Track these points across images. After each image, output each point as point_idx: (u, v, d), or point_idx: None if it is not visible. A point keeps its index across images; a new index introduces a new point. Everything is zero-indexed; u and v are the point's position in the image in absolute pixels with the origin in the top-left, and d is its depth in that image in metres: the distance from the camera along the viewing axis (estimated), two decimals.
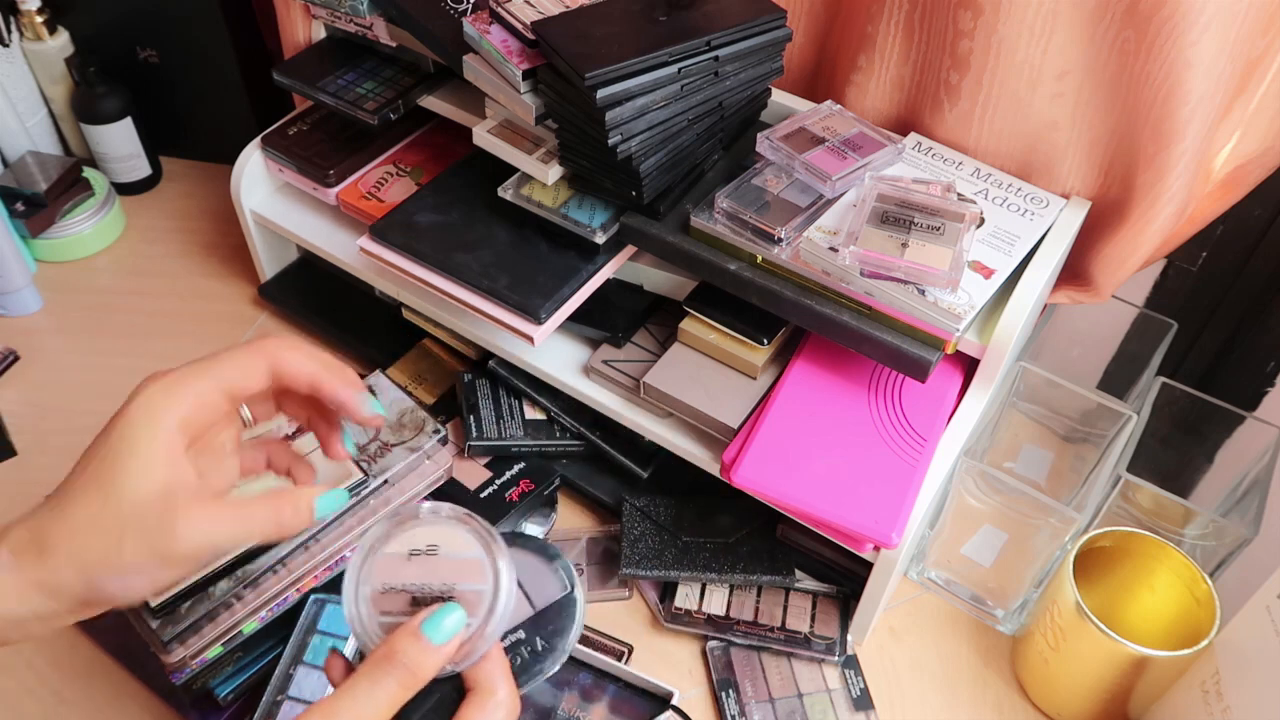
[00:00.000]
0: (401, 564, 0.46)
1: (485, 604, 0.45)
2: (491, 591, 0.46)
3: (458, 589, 0.46)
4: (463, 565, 0.46)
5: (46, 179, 0.99)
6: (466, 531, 0.47)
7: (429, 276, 0.76)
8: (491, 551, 0.46)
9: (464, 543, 0.47)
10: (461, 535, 0.47)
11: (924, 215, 0.68)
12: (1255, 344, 0.84)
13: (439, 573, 0.46)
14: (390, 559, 0.47)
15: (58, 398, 0.89)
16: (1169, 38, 0.63)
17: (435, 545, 0.47)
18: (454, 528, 0.47)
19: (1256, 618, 0.58)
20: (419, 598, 0.46)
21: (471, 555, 0.46)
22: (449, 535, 0.47)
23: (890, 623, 0.77)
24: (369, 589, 0.46)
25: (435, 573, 0.46)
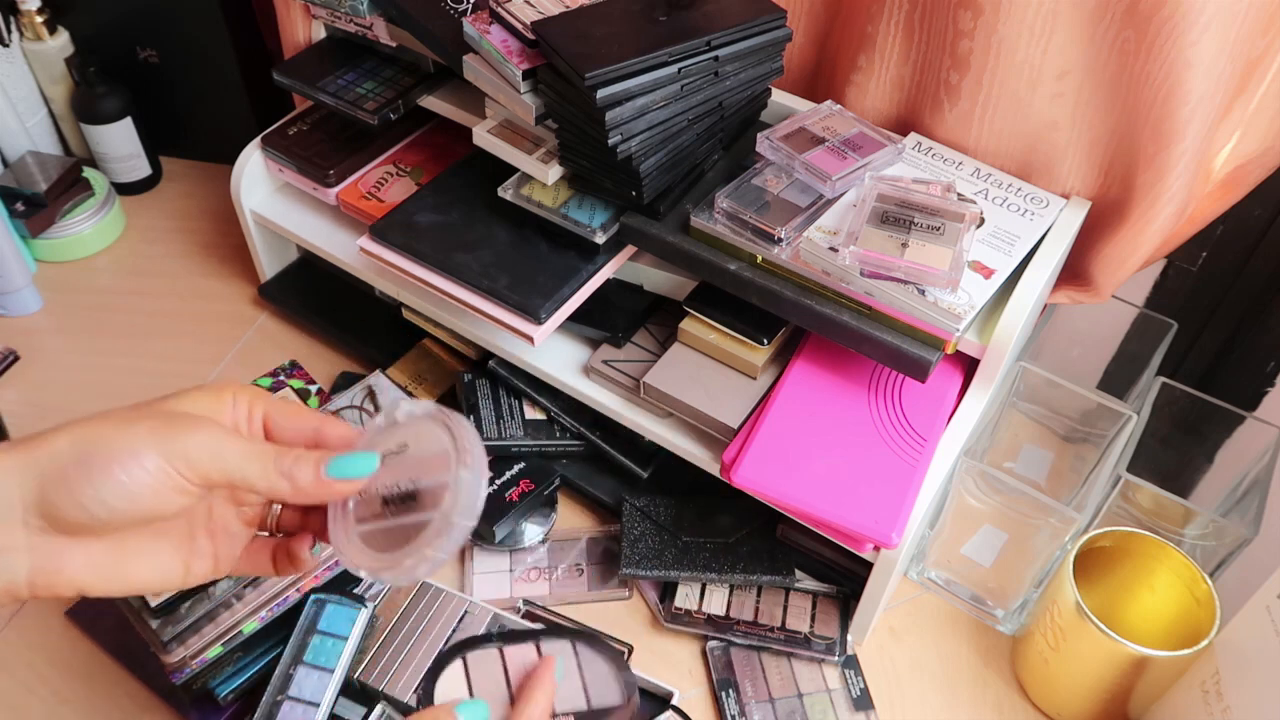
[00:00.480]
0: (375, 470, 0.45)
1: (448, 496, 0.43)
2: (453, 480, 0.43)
3: (421, 484, 0.44)
4: (428, 461, 0.44)
5: (46, 179, 0.99)
6: (436, 427, 0.45)
7: (429, 276, 0.76)
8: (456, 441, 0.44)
9: (432, 438, 0.45)
10: (431, 431, 0.45)
11: (924, 215, 0.68)
12: (1255, 344, 0.84)
13: (406, 471, 0.45)
14: None
15: (58, 398, 0.89)
16: (1169, 38, 0.63)
17: (405, 444, 0.45)
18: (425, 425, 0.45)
19: (1256, 618, 0.58)
20: (387, 498, 0.45)
21: (437, 449, 0.44)
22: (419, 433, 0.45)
23: (890, 623, 0.77)
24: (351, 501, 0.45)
25: (403, 471, 0.45)
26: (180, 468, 0.41)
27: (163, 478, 0.41)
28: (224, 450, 0.42)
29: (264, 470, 0.43)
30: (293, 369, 0.86)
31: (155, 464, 0.40)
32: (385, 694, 0.67)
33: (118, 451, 0.40)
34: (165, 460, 0.40)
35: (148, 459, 0.40)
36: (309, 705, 0.64)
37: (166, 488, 0.41)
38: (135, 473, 0.40)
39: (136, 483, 0.40)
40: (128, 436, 0.40)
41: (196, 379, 0.91)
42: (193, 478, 0.41)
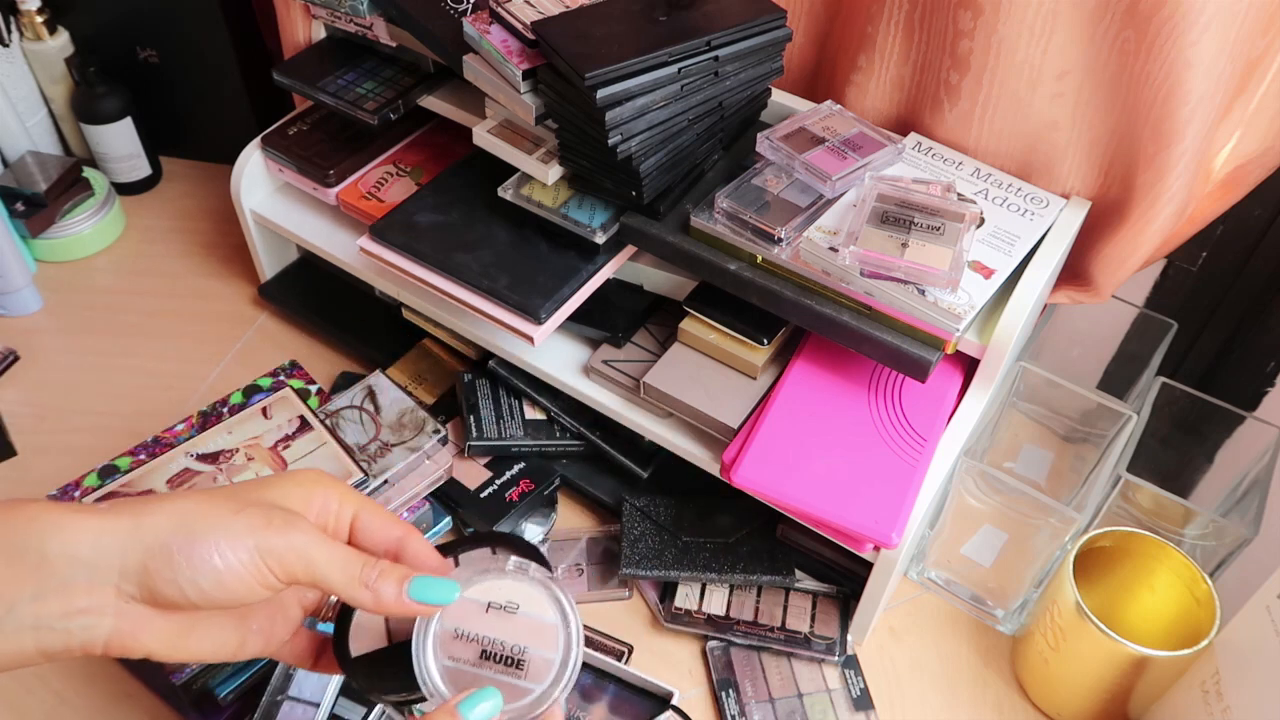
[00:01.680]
0: (478, 612, 0.47)
1: (552, 674, 0.46)
2: (560, 662, 0.46)
3: (529, 653, 0.46)
4: (538, 629, 0.46)
5: (46, 179, 0.99)
6: (547, 596, 0.47)
7: (429, 276, 0.76)
8: (568, 622, 0.46)
9: (543, 606, 0.47)
10: (542, 598, 0.47)
11: (924, 215, 0.68)
12: (1255, 344, 0.84)
13: (514, 632, 0.46)
14: (467, 604, 0.47)
15: (58, 398, 0.89)
16: (1169, 38, 0.63)
17: (515, 603, 0.47)
18: (535, 589, 0.47)
19: (1256, 618, 0.58)
20: (489, 652, 0.46)
21: (548, 620, 0.46)
22: (530, 595, 0.47)
23: (890, 623, 0.77)
24: (440, 629, 0.46)
25: (510, 631, 0.46)
26: (271, 565, 0.43)
27: (254, 570, 0.42)
28: (314, 553, 0.44)
29: (348, 579, 0.44)
30: (293, 369, 0.86)
31: (250, 557, 0.42)
32: None
33: (219, 538, 0.42)
34: (260, 556, 0.42)
35: (244, 551, 0.42)
36: (309, 705, 0.64)
37: (255, 581, 0.43)
38: (230, 562, 0.42)
39: (229, 570, 0.42)
40: (229, 526, 0.42)
41: (196, 379, 0.91)
42: (281, 575, 0.43)
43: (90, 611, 0.41)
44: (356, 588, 0.44)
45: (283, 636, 0.49)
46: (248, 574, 0.42)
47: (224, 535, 0.42)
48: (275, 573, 0.43)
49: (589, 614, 0.76)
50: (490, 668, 0.46)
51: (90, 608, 0.41)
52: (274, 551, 0.42)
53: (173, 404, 0.88)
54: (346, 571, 0.44)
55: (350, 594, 0.44)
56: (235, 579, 0.42)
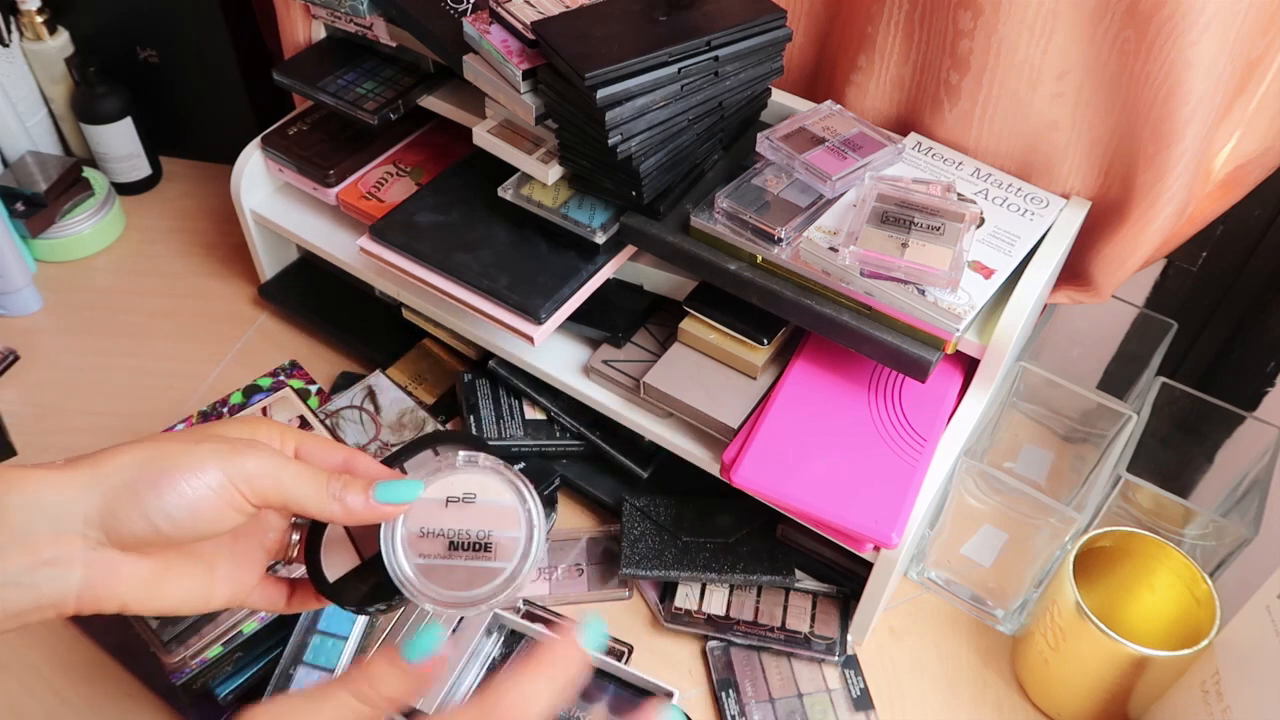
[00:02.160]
0: (438, 509, 0.48)
1: (520, 549, 0.48)
2: (525, 537, 0.48)
3: (494, 535, 0.48)
4: (498, 512, 0.48)
5: (46, 179, 0.99)
6: (500, 481, 0.49)
7: (429, 276, 0.76)
8: (525, 500, 0.48)
9: (499, 491, 0.49)
10: (496, 484, 0.49)
11: (924, 215, 0.68)
12: (1255, 344, 0.84)
13: (476, 519, 0.48)
14: (426, 504, 0.48)
15: (58, 398, 0.89)
16: (1169, 38, 0.63)
17: (472, 493, 0.49)
18: (488, 477, 0.49)
19: (1256, 618, 0.58)
20: (455, 542, 0.48)
21: (506, 503, 0.48)
22: (484, 483, 0.49)
23: (890, 623, 0.77)
24: (406, 531, 0.48)
25: (472, 519, 0.48)
26: (241, 486, 0.43)
27: (224, 494, 0.43)
28: (280, 472, 0.44)
29: (316, 493, 0.45)
30: (293, 369, 0.86)
31: (219, 480, 0.42)
32: None
33: (184, 467, 0.42)
34: (228, 478, 0.43)
35: (211, 475, 0.42)
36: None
37: (226, 505, 0.43)
38: (199, 488, 0.42)
39: (200, 497, 0.42)
40: (193, 454, 0.43)
41: (196, 379, 0.91)
42: (251, 496, 0.44)
43: (57, 563, 0.41)
44: (325, 500, 0.45)
45: (250, 581, 0.50)
46: (219, 499, 0.42)
47: (190, 463, 0.42)
48: (246, 494, 0.43)
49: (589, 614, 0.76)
50: (460, 556, 0.48)
51: (57, 559, 0.41)
52: (243, 473, 0.43)
53: (173, 404, 0.88)
54: (315, 486, 0.45)
55: (320, 507, 0.45)
56: (207, 505, 0.42)
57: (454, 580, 0.47)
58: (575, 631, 0.44)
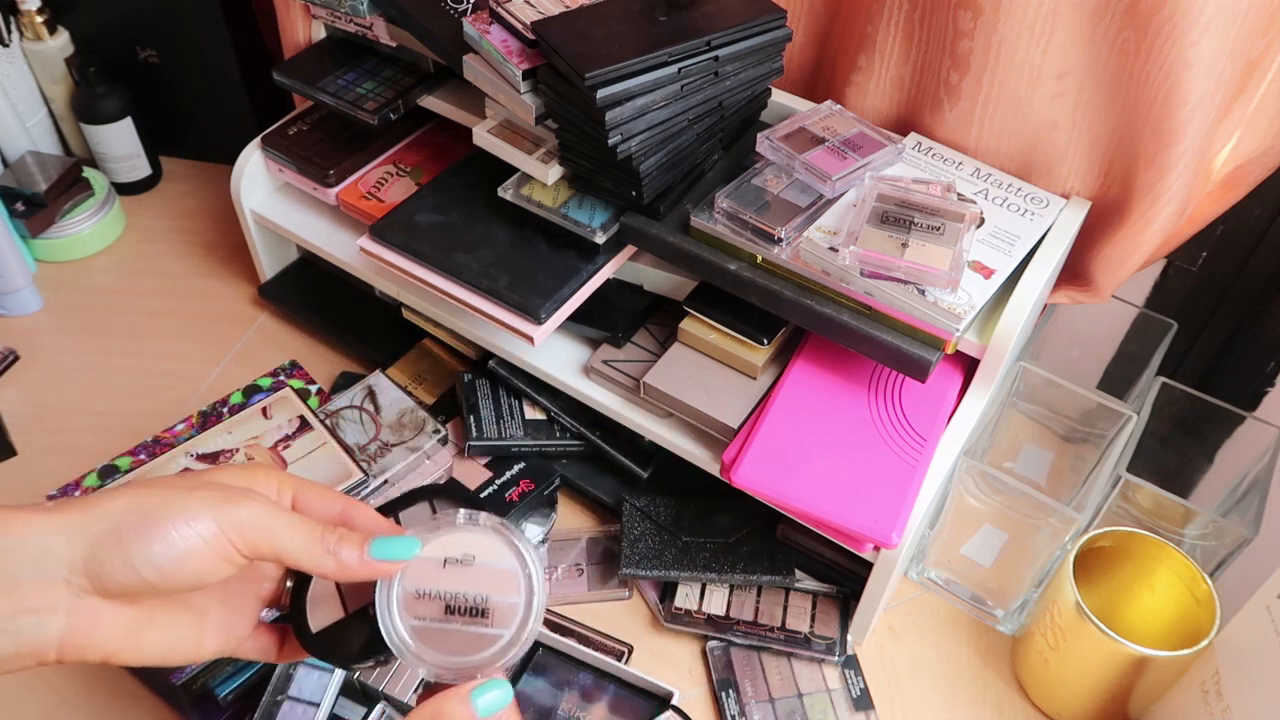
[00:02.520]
0: (436, 570, 0.47)
1: (518, 616, 0.46)
2: (524, 604, 0.46)
3: (492, 600, 0.46)
4: (498, 576, 0.47)
5: (46, 179, 0.99)
6: (501, 542, 0.47)
7: (429, 276, 0.76)
8: (526, 565, 0.47)
9: (499, 554, 0.47)
10: (496, 545, 0.47)
11: (924, 215, 0.68)
12: (1255, 344, 0.84)
13: (474, 582, 0.47)
14: (424, 563, 0.47)
15: (58, 398, 0.89)
16: (1169, 38, 0.63)
17: (471, 554, 0.47)
18: (489, 537, 0.47)
19: (1256, 618, 0.58)
20: (452, 606, 0.46)
21: (506, 567, 0.47)
22: (484, 544, 0.47)
23: (890, 623, 0.77)
24: (401, 591, 0.46)
25: (470, 582, 0.47)
26: (233, 536, 0.42)
27: (215, 545, 0.42)
28: (274, 523, 0.43)
29: (309, 546, 0.44)
30: (293, 369, 0.86)
31: (210, 530, 0.41)
32: (385, 694, 0.67)
33: (174, 515, 0.41)
34: (220, 528, 0.42)
35: (203, 524, 0.41)
36: (309, 705, 0.64)
37: (216, 555, 0.42)
38: (189, 537, 0.41)
39: (190, 547, 0.41)
40: (184, 502, 0.41)
41: (196, 379, 0.91)
42: (243, 547, 0.42)
43: (39, 610, 0.40)
44: (319, 554, 0.44)
45: (242, 632, 0.49)
46: (209, 549, 0.41)
47: (180, 512, 0.41)
48: (237, 545, 0.42)
49: (589, 614, 0.76)
50: (457, 620, 0.46)
51: (39, 606, 0.40)
52: (234, 524, 0.42)
53: (173, 404, 0.88)
54: (308, 539, 0.44)
55: (313, 562, 0.44)
56: (196, 555, 0.41)
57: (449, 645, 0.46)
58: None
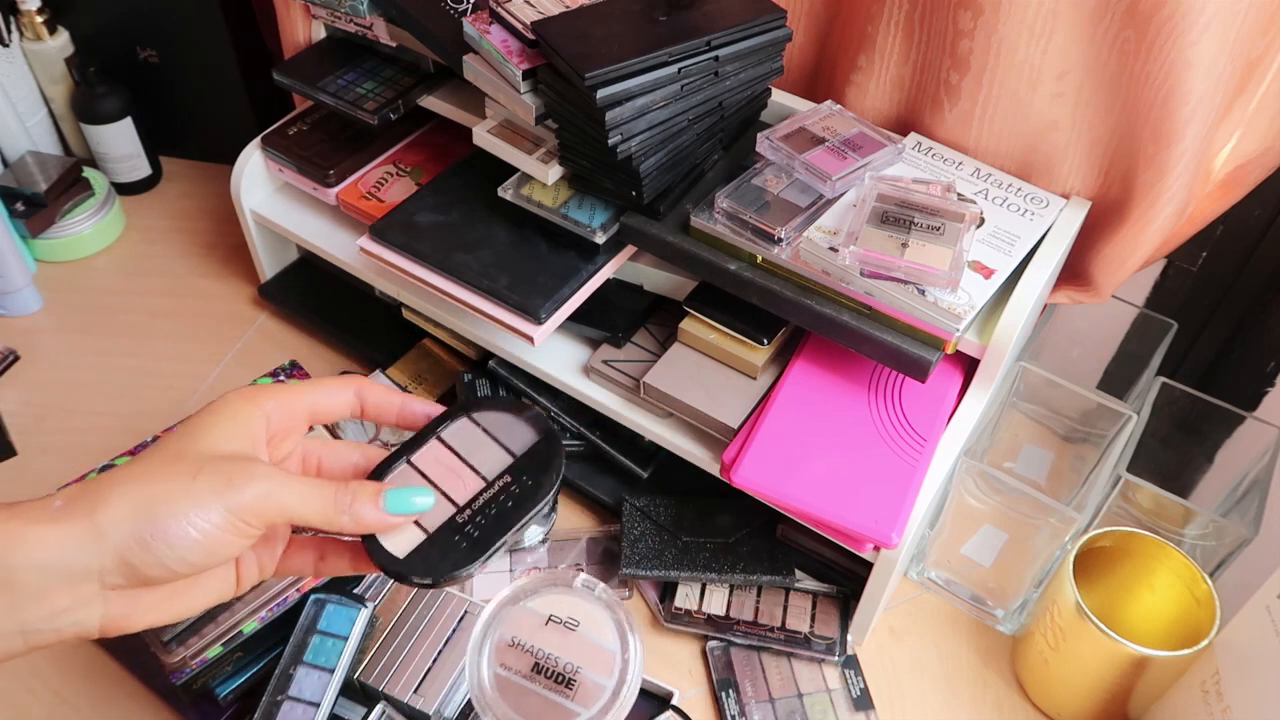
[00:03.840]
0: (537, 625, 0.46)
1: (601, 701, 0.46)
2: (612, 691, 0.46)
3: (582, 674, 0.46)
4: (595, 652, 0.46)
5: (46, 179, 0.99)
6: (609, 619, 0.47)
7: (429, 276, 0.76)
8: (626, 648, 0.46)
9: (604, 630, 0.46)
10: (604, 621, 0.47)
11: (924, 215, 0.68)
12: (1255, 344, 0.84)
13: (570, 649, 0.46)
14: (528, 615, 0.46)
15: (58, 398, 0.89)
16: (1169, 38, 0.63)
17: (576, 620, 0.47)
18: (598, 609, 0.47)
19: (1256, 618, 0.58)
20: (541, 665, 0.46)
21: (607, 646, 0.46)
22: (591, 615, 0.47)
23: (890, 623, 0.77)
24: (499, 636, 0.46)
25: (566, 648, 0.46)
26: (247, 518, 0.42)
27: (231, 530, 0.42)
28: (284, 494, 0.43)
29: (324, 510, 0.45)
30: (293, 369, 0.86)
31: (222, 518, 0.42)
32: (385, 694, 0.66)
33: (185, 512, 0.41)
34: (231, 514, 0.42)
35: (214, 514, 0.42)
36: (309, 705, 0.64)
37: (235, 536, 0.43)
38: (204, 528, 0.42)
39: (207, 535, 0.42)
40: (192, 495, 0.42)
41: (196, 379, 0.91)
42: (258, 525, 0.43)
43: (75, 609, 0.41)
44: (334, 515, 0.45)
45: (274, 556, 0.49)
46: (226, 535, 0.42)
47: (190, 506, 0.41)
48: (252, 524, 0.43)
49: None
50: (540, 683, 0.46)
51: (73, 605, 0.41)
52: (245, 506, 0.42)
53: (173, 404, 0.88)
54: (321, 503, 0.44)
55: (330, 524, 0.45)
56: (216, 542, 0.42)
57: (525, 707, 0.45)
58: None
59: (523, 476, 0.49)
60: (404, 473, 0.50)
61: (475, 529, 0.48)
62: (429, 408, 0.51)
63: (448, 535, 0.47)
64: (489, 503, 0.48)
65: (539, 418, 0.51)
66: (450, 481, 0.49)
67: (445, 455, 0.50)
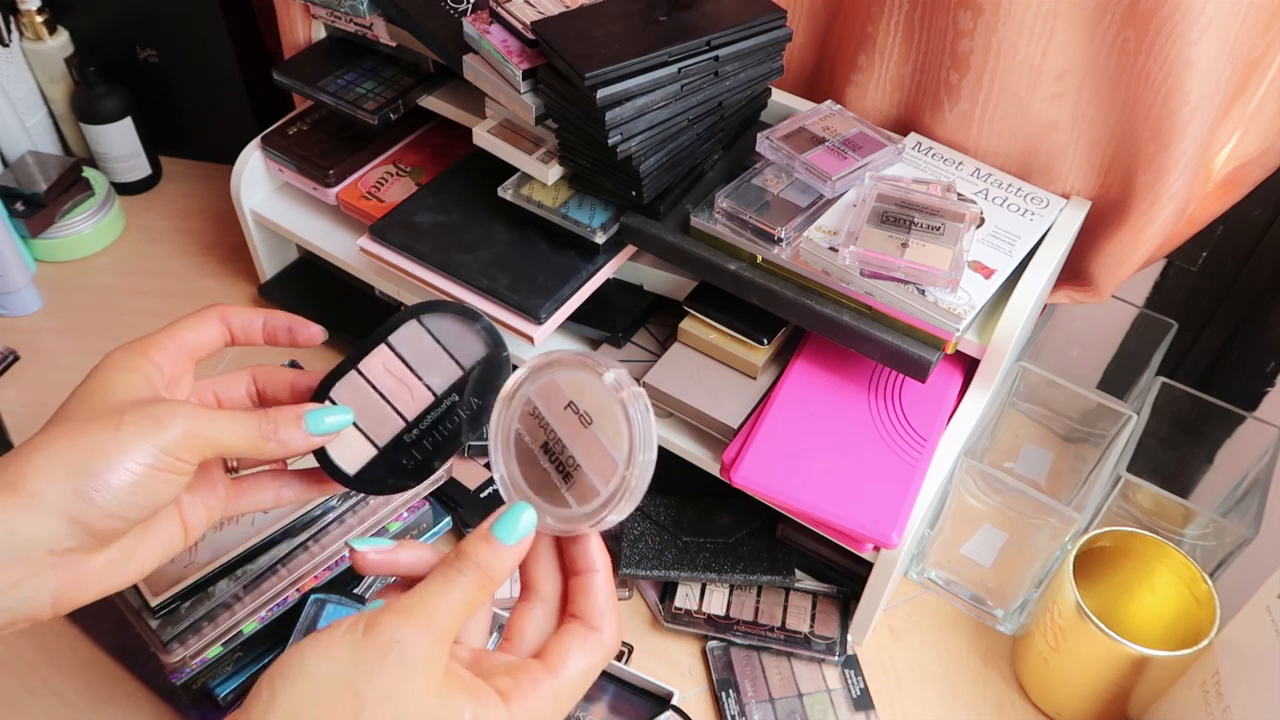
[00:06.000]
0: (560, 404, 0.45)
1: (590, 506, 0.44)
2: (603, 501, 0.44)
3: (582, 472, 0.44)
4: (601, 456, 0.44)
5: (46, 179, 0.99)
6: (624, 424, 0.44)
7: (429, 276, 0.76)
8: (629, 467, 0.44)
9: (617, 435, 0.44)
10: (619, 424, 0.44)
11: (924, 215, 0.68)
12: (1255, 344, 0.84)
13: (579, 441, 0.45)
14: (553, 388, 0.45)
15: (58, 398, 0.88)
16: (1169, 38, 0.63)
17: (591, 417, 0.45)
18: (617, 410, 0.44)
19: (1256, 618, 0.58)
20: (550, 447, 0.45)
21: (613, 454, 0.44)
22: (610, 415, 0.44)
23: (890, 623, 0.77)
24: (527, 397, 0.46)
25: (576, 439, 0.45)
26: (177, 453, 0.43)
27: (166, 468, 0.42)
28: (209, 429, 0.44)
29: (249, 437, 0.45)
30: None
31: (154, 458, 0.42)
32: None
33: (119, 460, 0.41)
34: (162, 453, 0.42)
35: (145, 455, 0.42)
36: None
37: (172, 474, 0.43)
38: (139, 470, 0.42)
39: (147, 479, 0.42)
40: (120, 443, 0.42)
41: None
42: (191, 459, 0.43)
43: (23, 582, 0.41)
44: (260, 443, 0.45)
45: (223, 497, 0.49)
46: (162, 474, 0.42)
47: (121, 453, 0.41)
48: (185, 459, 0.43)
49: None
50: (545, 461, 0.45)
51: (22, 578, 0.40)
52: (174, 444, 0.42)
53: None
54: (247, 430, 0.45)
55: (258, 452, 0.45)
56: (155, 482, 0.42)
57: (531, 475, 0.45)
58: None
59: (470, 395, 0.50)
60: (352, 382, 0.51)
61: (419, 451, 0.50)
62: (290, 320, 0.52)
63: (395, 453, 0.49)
64: (437, 422, 0.50)
65: (490, 329, 0.51)
66: (400, 394, 0.50)
67: (394, 364, 0.51)
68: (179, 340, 0.50)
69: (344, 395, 0.51)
